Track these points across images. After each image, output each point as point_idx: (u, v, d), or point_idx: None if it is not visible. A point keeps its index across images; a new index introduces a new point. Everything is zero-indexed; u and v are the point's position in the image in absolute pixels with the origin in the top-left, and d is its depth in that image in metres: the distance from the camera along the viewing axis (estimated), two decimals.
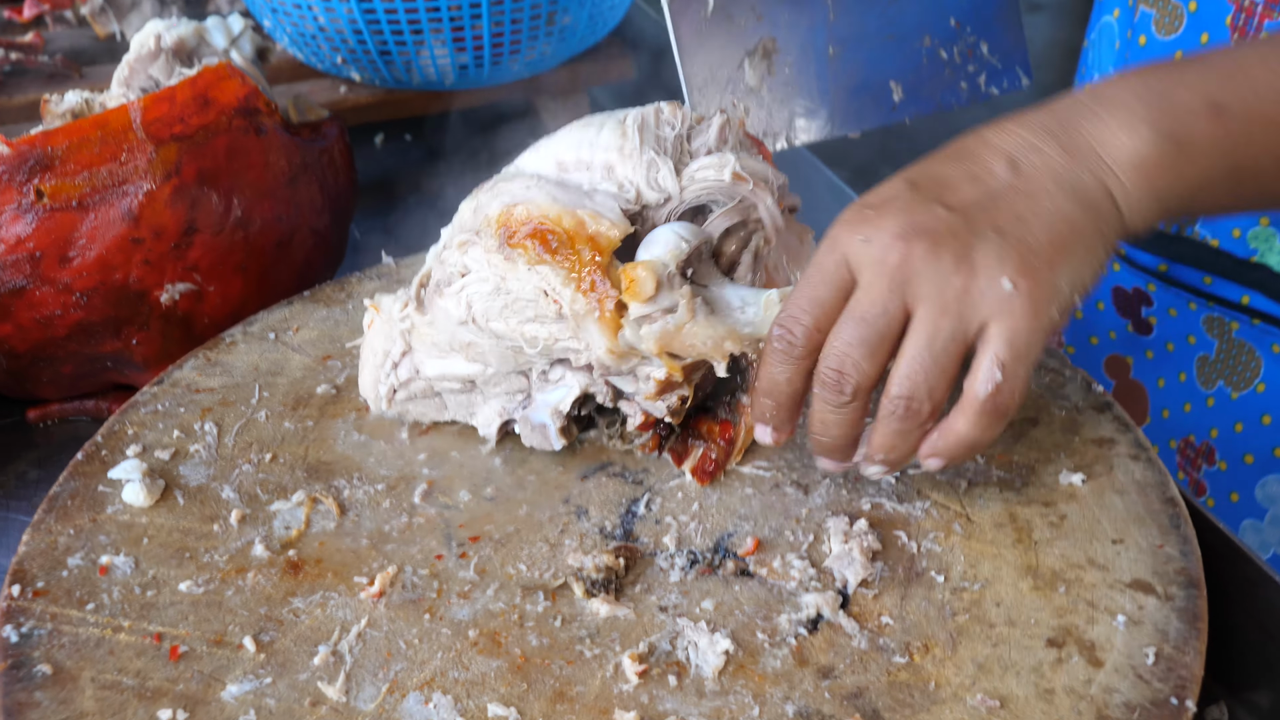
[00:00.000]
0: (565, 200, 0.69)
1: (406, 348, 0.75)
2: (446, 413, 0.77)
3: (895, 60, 0.94)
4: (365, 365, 0.77)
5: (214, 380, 0.83)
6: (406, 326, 0.74)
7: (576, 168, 0.72)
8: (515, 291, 0.69)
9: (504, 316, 0.70)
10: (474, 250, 0.70)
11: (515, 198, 0.70)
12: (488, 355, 0.72)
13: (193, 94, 0.92)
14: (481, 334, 0.71)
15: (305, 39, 1.27)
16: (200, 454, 0.76)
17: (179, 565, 0.67)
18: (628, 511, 0.71)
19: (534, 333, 0.69)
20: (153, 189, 0.88)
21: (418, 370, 0.75)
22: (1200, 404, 1.03)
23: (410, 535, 0.69)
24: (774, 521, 0.70)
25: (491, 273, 0.69)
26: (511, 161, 0.77)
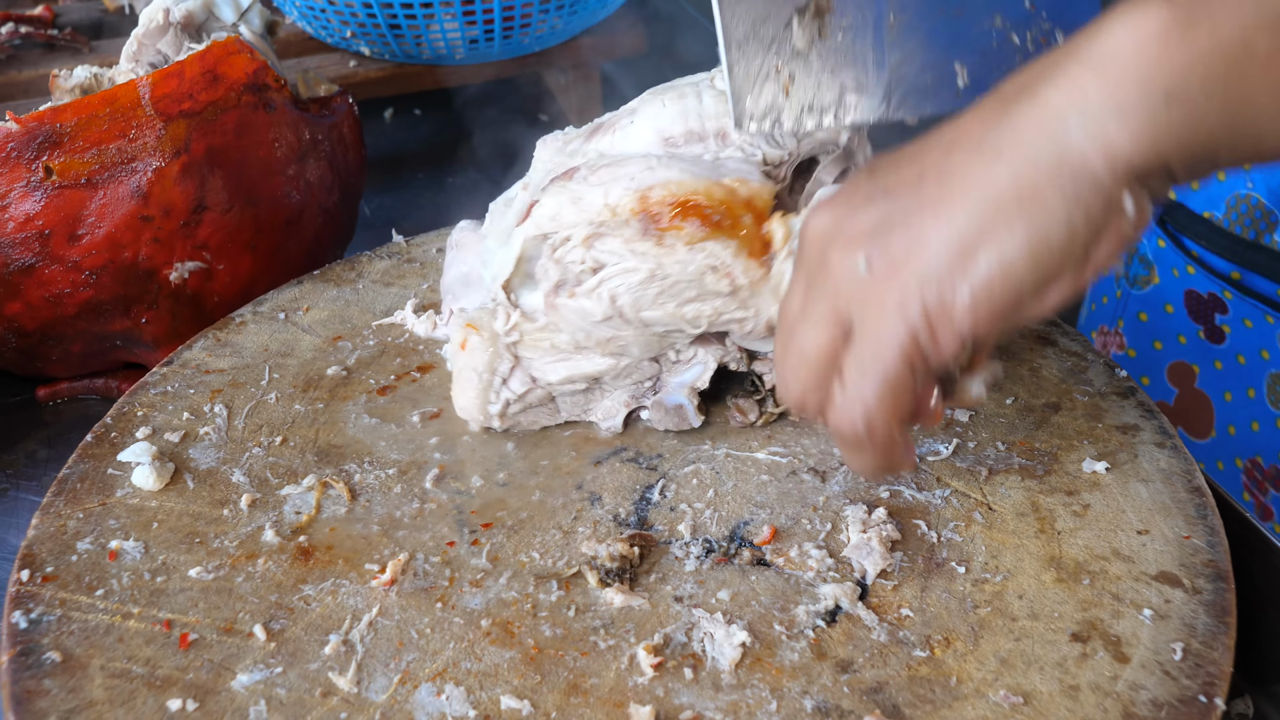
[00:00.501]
0: (701, 172, 0.67)
1: (514, 361, 0.72)
2: (560, 416, 0.75)
3: (962, 39, 0.84)
4: (466, 388, 0.73)
5: (224, 361, 0.81)
6: (514, 339, 0.72)
7: (688, 140, 0.70)
8: (674, 275, 0.66)
9: (659, 303, 0.67)
10: (608, 242, 0.67)
11: (640, 180, 0.67)
12: (630, 346, 0.70)
13: (201, 69, 0.89)
14: (629, 325, 0.69)
15: (314, 13, 1.25)
16: (210, 436, 0.74)
17: (189, 550, 0.66)
18: (642, 498, 0.70)
19: (696, 311, 0.68)
20: (161, 166, 0.87)
21: (534, 379, 0.73)
22: (1270, 424, 0.99)
23: (422, 521, 0.68)
24: (791, 509, 0.68)
25: (639, 262, 0.66)
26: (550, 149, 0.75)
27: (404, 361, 0.82)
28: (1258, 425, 0.99)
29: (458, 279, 0.81)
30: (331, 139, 1.00)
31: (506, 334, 0.71)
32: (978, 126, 0.52)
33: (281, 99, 0.94)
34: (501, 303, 0.72)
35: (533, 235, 0.70)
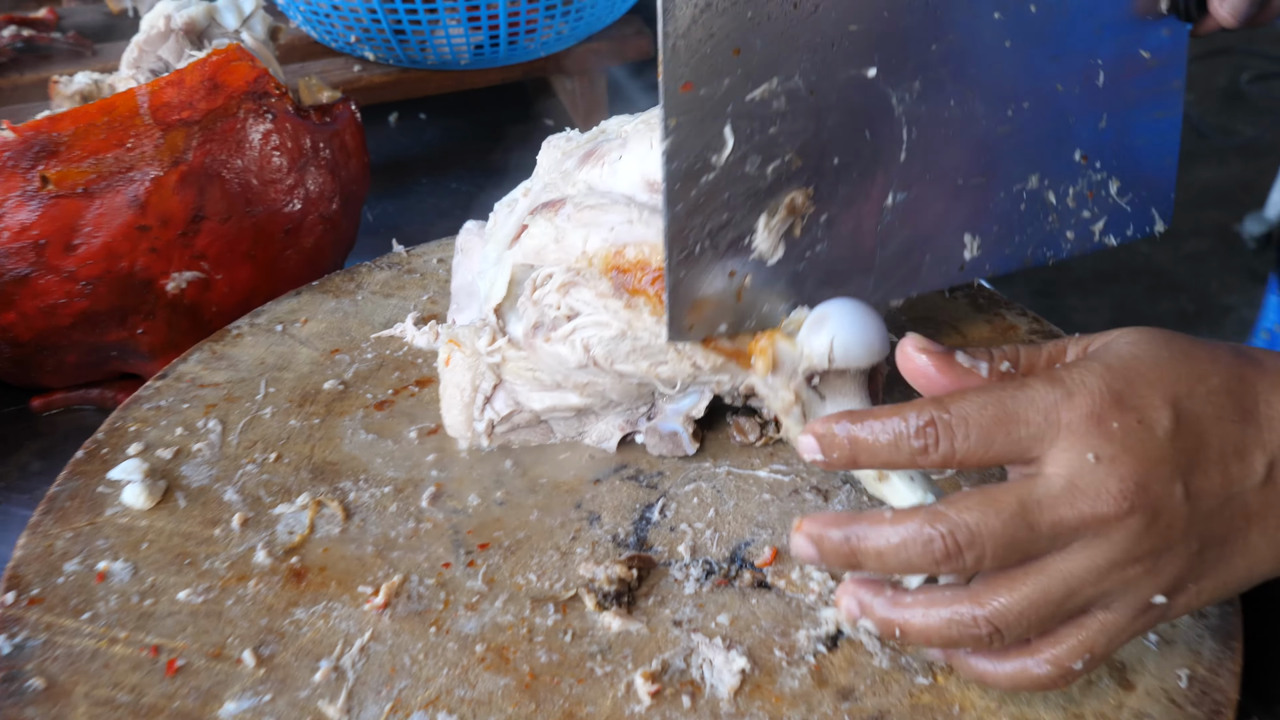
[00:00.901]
0: None
1: (498, 380, 0.71)
2: (554, 436, 0.74)
3: (977, 207, 0.71)
4: (452, 404, 0.72)
5: (219, 375, 0.80)
6: (497, 360, 0.70)
7: None
8: (645, 339, 0.65)
9: (632, 360, 0.66)
10: (581, 292, 0.66)
11: (618, 235, 0.65)
12: (608, 391, 0.69)
13: (201, 78, 0.88)
14: (603, 374, 0.67)
15: (319, 17, 1.23)
16: (203, 453, 0.73)
17: (178, 572, 0.64)
18: (641, 518, 0.68)
19: (671, 372, 0.66)
20: (160, 175, 0.85)
21: (519, 403, 0.71)
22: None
23: (417, 542, 0.66)
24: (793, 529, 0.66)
25: (611, 318, 0.65)
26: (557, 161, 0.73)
27: (402, 375, 0.80)
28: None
29: (462, 288, 0.80)
30: (333, 146, 0.99)
31: (489, 354, 0.70)
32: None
33: (282, 107, 0.92)
34: (490, 324, 0.70)
35: (520, 264, 0.69)
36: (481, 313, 0.73)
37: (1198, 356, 0.51)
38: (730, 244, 0.62)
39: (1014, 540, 0.49)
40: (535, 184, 0.75)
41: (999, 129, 0.71)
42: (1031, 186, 0.74)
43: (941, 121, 0.67)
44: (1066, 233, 0.76)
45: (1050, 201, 0.75)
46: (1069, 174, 0.75)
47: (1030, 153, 0.73)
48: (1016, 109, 0.71)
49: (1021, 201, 0.73)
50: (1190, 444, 0.49)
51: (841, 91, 0.63)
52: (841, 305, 0.62)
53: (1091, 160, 0.76)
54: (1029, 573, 0.50)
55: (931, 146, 0.68)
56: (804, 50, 0.62)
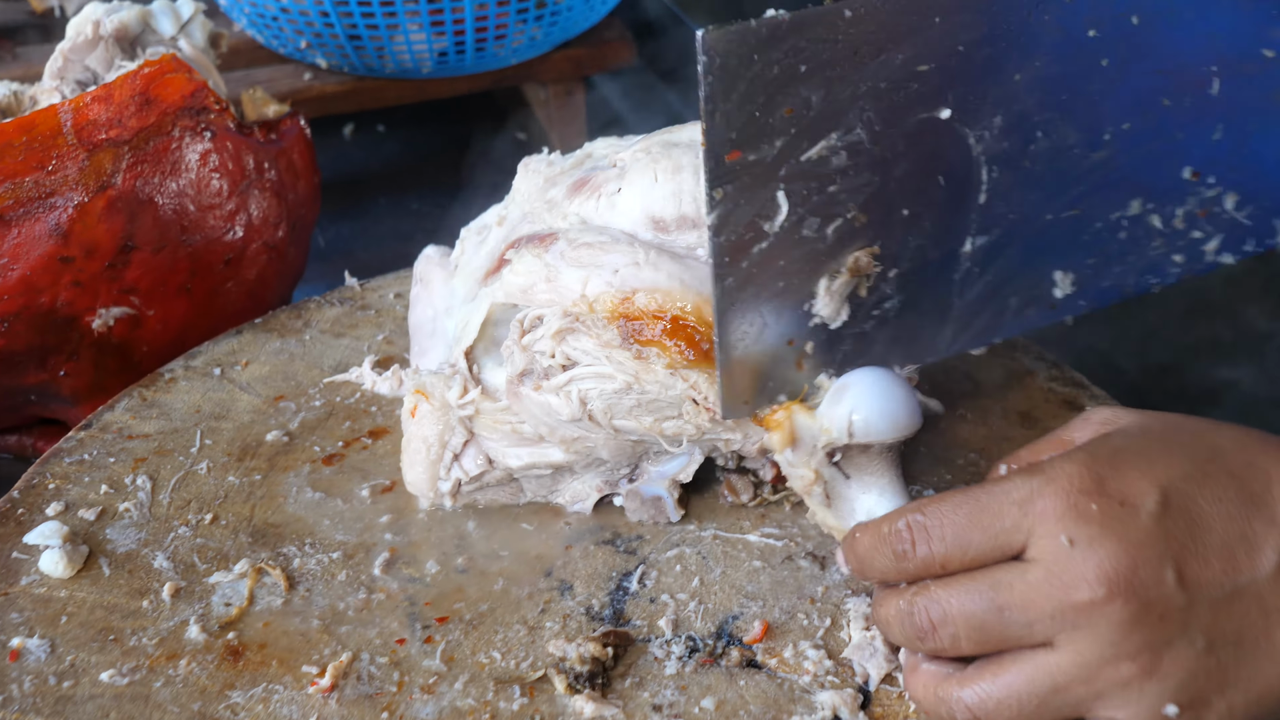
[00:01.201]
0: (692, 280, 0.63)
1: (469, 435, 0.70)
2: (523, 497, 0.73)
3: (1069, 242, 0.69)
4: (415, 460, 0.71)
5: (149, 425, 0.79)
6: (469, 413, 0.69)
7: (680, 227, 0.67)
8: (654, 393, 0.64)
9: (635, 415, 0.65)
10: (580, 340, 0.65)
11: (624, 279, 0.64)
12: (599, 449, 0.68)
13: (132, 92, 0.88)
14: (598, 430, 0.66)
15: (265, 20, 1.24)
16: (131, 514, 0.72)
17: (101, 650, 0.64)
18: (618, 588, 0.68)
19: (676, 429, 0.65)
20: (84, 201, 0.85)
21: (491, 460, 0.71)
22: None
23: (369, 615, 0.66)
24: (785, 601, 0.66)
25: (615, 370, 0.64)
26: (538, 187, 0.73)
27: (354, 425, 0.80)
28: None
29: (424, 323, 0.80)
30: (279, 166, 0.99)
31: (460, 407, 0.69)
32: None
33: (222, 123, 0.92)
34: (461, 371, 0.70)
35: (500, 302, 0.68)
36: (450, 356, 0.73)
37: (1199, 439, 0.52)
38: (788, 312, 0.61)
39: (985, 624, 0.51)
40: (512, 211, 0.75)
41: (1094, 155, 0.69)
42: (1133, 212, 0.73)
43: (1027, 156, 0.66)
44: (1174, 256, 0.74)
45: (1155, 226, 0.74)
46: (1177, 194, 0.74)
47: (1131, 176, 0.71)
48: (1115, 132, 0.69)
49: (1121, 230, 0.72)
50: (1182, 527, 0.50)
51: (910, 138, 0.62)
52: (864, 375, 0.62)
53: (1204, 176, 0.74)
54: (1015, 661, 0.51)
55: (1015, 184, 0.67)
56: (866, 98, 0.60)
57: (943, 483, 0.74)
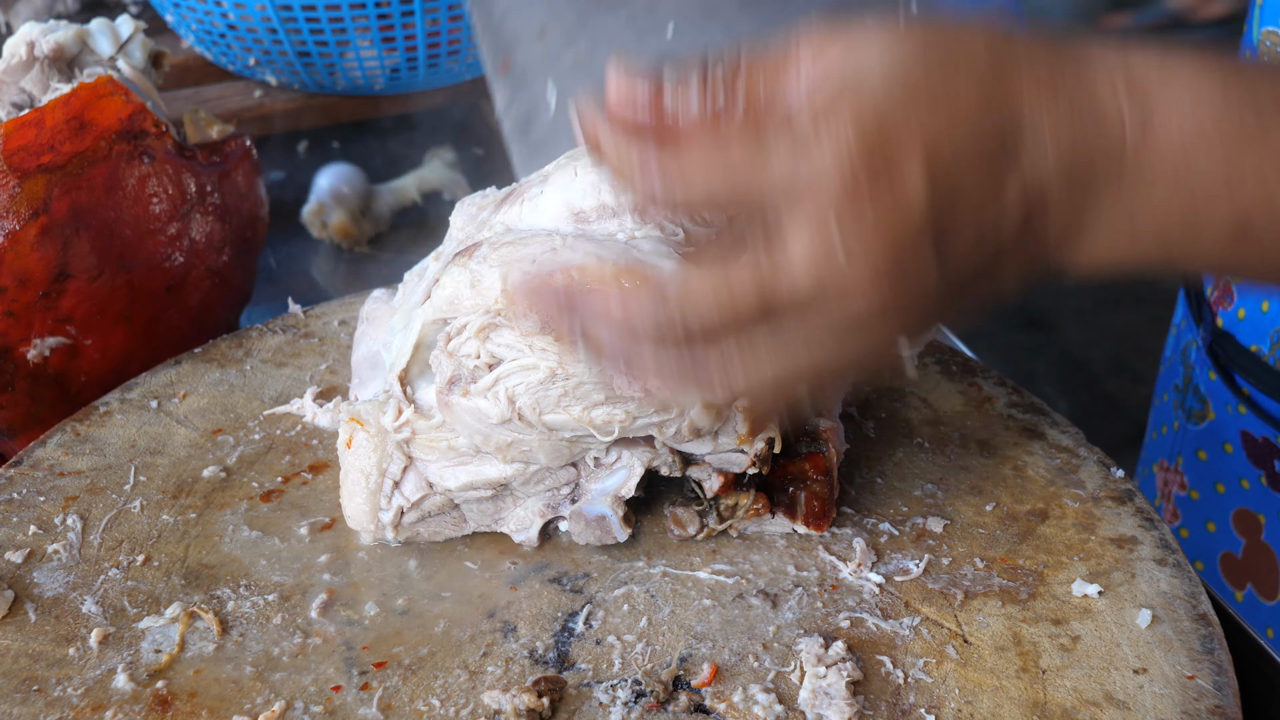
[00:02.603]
0: (612, 256, 0.63)
1: (408, 461, 0.69)
2: (466, 526, 0.71)
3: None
4: (353, 493, 0.70)
5: (82, 461, 0.77)
6: (405, 436, 0.68)
7: (600, 216, 0.67)
8: (578, 375, 0.63)
9: (564, 406, 0.64)
10: (502, 335, 0.64)
11: (541, 264, 0.63)
12: (535, 452, 0.67)
13: (66, 116, 0.86)
14: (530, 430, 0.65)
15: (214, 37, 1.22)
16: (60, 555, 0.70)
17: (24, 701, 0.62)
18: (564, 629, 0.66)
19: (606, 416, 0.64)
20: (16, 229, 0.83)
21: (431, 485, 0.69)
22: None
23: (304, 660, 0.64)
24: (735, 642, 0.65)
25: (539, 359, 0.63)
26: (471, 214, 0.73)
27: (294, 460, 0.78)
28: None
29: (365, 360, 0.78)
30: (223, 189, 0.97)
31: (396, 430, 0.68)
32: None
33: (162, 147, 0.90)
34: (395, 395, 0.69)
35: (431, 320, 0.67)
36: (386, 383, 0.71)
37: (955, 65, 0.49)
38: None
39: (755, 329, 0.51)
40: (447, 246, 0.74)
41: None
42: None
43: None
44: None
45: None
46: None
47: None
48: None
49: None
50: (945, 204, 0.49)
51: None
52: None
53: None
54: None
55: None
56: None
57: (899, 513, 0.73)
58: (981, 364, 0.85)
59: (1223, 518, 1.04)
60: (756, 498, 0.71)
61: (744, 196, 0.50)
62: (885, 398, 0.82)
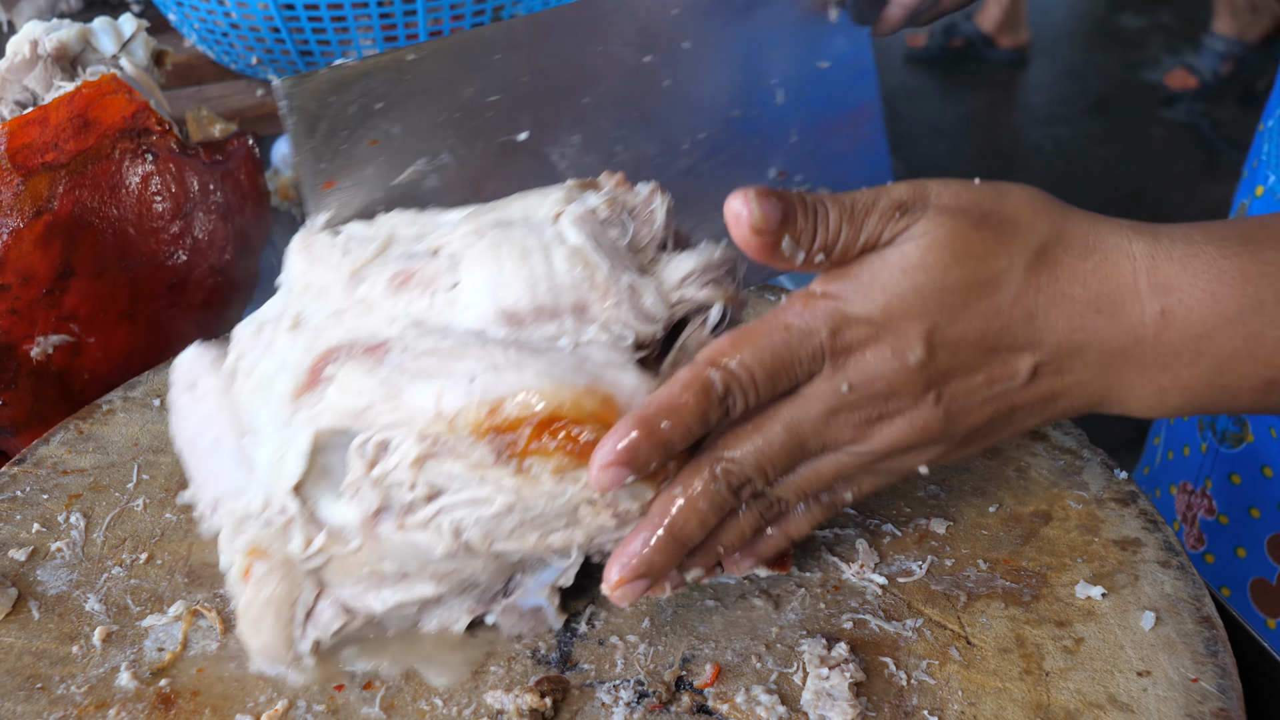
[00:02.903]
0: (563, 374, 0.58)
1: (319, 588, 0.62)
2: (386, 634, 0.65)
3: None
4: (260, 628, 0.62)
5: (85, 459, 0.77)
6: (318, 564, 0.61)
7: (538, 316, 0.61)
8: (539, 508, 0.58)
9: (519, 536, 0.59)
10: (445, 465, 0.58)
11: (485, 387, 0.58)
12: (477, 575, 0.62)
13: (69, 114, 0.86)
14: (476, 558, 0.61)
15: (215, 36, 1.22)
16: (63, 553, 0.70)
17: (28, 699, 0.62)
18: (566, 629, 0.66)
19: (566, 540, 0.60)
20: (19, 227, 0.83)
21: (351, 610, 0.63)
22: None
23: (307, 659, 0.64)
24: (738, 643, 0.65)
25: (493, 492, 0.58)
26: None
27: None
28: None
29: (198, 440, 0.69)
30: (225, 188, 0.97)
31: (305, 559, 0.61)
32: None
33: (165, 145, 0.91)
34: (295, 514, 0.61)
35: (328, 428, 0.60)
36: (267, 491, 0.62)
37: (979, 278, 0.58)
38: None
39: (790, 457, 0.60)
40: (307, 309, 0.66)
41: (678, 163, 0.81)
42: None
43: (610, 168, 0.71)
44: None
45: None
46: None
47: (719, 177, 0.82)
48: (693, 142, 0.81)
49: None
50: (944, 363, 0.58)
51: (496, 159, 0.73)
52: None
53: (791, 174, 0.86)
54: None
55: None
56: (445, 127, 0.71)
57: (901, 515, 0.73)
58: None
59: (1256, 543, 1.02)
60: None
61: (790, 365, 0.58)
62: None
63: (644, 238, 0.64)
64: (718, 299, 0.63)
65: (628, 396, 0.58)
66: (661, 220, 0.64)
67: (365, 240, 0.67)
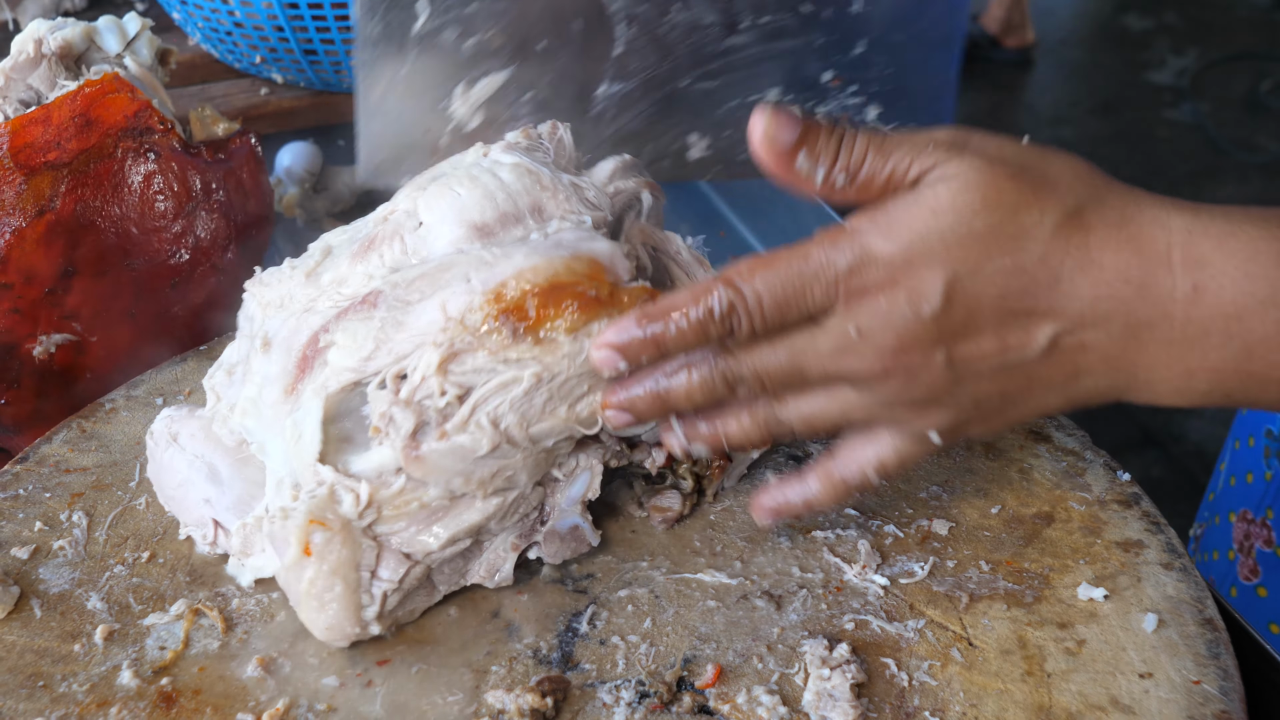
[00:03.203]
0: (547, 251, 0.64)
1: (377, 545, 0.64)
2: (437, 593, 0.67)
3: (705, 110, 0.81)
4: (325, 602, 0.63)
5: (88, 458, 0.78)
6: (370, 518, 0.63)
7: (504, 223, 0.66)
8: (563, 372, 0.62)
9: (550, 410, 0.63)
10: (469, 360, 0.62)
11: (484, 279, 0.62)
12: (519, 474, 0.65)
13: (72, 113, 0.86)
14: (517, 449, 0.63)
15: (219, 35, 1.22)
16: (65, 551, 0.70)
17: (30, 696, 0.62)
18: (568, 629, 0.66)
19: (593, 404, 0.64)
20: (22, 226, 0.83)
21: (409, 556, 0.64)
22: None
23: (308, 658, 0.64)
24: (740, 643, 0.65)
25: (518, 370, 0.62)
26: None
27: None
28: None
29: (189, 483, 0.71)
30: (228, 186, 0.97)
31: (361, 515, 0.63)
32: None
33: (167, 144, 0.91)
34: (333, 480, 0.63)
35: (338, 389, 0.63)
36: (294, 477, 0.65)
37: (1006, 230, 0.57)
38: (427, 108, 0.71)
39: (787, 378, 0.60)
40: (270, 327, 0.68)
41: (732, 39, 0.82)
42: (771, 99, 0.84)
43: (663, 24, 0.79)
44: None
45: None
46: (817, 93, 0.86)
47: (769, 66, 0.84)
48: (754, 23, 0.83)
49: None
50: (959, 319, 0.57)
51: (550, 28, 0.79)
52: None
53: (846, 84, 0.87)
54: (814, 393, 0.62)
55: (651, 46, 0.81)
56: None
57: (904, 516, 0.73)
58: None
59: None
60: (712, 468, 0.73)
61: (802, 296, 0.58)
62: None
63: (562, 158, 0.71)
64: (644, 188, 0.70)
65: (608, 257, 0.64)
66: (570, 141, 0.71)
67: (307, 255, 0.71)
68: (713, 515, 0.73)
